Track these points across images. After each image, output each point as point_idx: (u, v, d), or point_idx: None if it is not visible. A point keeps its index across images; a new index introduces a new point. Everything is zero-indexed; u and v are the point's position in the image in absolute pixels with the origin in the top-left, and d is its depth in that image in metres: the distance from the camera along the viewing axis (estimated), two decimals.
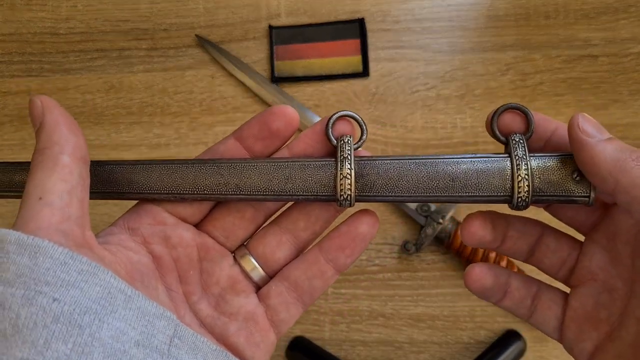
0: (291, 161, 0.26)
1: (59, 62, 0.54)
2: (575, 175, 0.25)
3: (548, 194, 0.25)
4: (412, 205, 0.47)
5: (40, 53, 0.54)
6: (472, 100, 0.52)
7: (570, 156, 0.25)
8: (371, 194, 0.26)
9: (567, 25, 0.53)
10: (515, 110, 0.26)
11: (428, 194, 0.25)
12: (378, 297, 0.48)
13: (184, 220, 0.28)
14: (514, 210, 0.26)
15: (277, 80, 0.52)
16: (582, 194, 0.24)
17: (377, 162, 0.26)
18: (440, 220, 0.46)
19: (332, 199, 0.26)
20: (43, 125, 0.24)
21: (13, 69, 0.54)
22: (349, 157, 0.25)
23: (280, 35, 0.53)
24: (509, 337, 0.47)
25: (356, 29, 0.53)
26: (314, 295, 0.28)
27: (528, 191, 0.24)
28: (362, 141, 0.27)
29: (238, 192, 0.26)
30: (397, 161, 0.26)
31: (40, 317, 0.19)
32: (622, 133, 0.50)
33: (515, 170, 0.24)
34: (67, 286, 0.20)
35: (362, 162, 0.26)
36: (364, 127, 0.27)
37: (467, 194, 0.25)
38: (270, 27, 0.53)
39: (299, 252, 0.29)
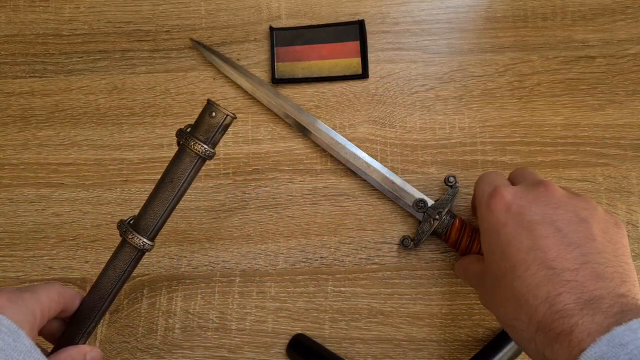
0: None
1: (62, 63, 0.55)
2: None
3: None
4: (409, 201, 0.48)
5: (43, 54, 0.55)
6: (470, 101, 0.52)
7: None
8: None
9: (564, 27, 0.53)
10: None
11: None
12: (377, 296, 0.49)
13: None
14: None
15: (278, 81, 0.53)
16: None
17: None
18: (437, 216, 0.46)
19: None
20: None
21: (16, 70, 0.55)
22: None
23: (281, 37, 0.54)
24: (507, 335, 0.47)
25: (356, 30, 0.53)
26: None
27: None
28: None
29: None
30: None
31: None
32: (618, 134, 0.51)
33: None
34: None
35: None
36: None
37: None
38: (271, 29, 0.54)
39: None
